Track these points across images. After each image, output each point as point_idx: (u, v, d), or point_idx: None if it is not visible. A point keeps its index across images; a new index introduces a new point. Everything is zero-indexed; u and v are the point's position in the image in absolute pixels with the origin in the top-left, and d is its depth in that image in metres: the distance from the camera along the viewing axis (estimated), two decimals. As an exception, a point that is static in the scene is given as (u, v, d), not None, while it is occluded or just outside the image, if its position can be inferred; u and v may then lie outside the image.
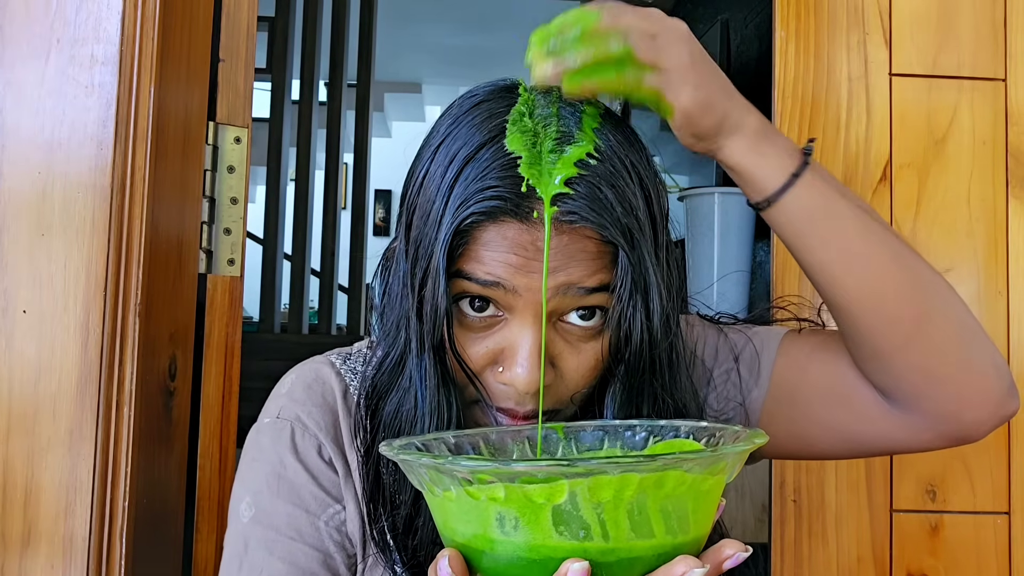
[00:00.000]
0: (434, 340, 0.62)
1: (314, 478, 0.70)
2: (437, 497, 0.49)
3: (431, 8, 4.58)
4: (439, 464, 0.47)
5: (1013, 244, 1.19)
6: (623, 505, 0.46)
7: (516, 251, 0.59)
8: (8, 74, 0.96)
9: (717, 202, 1.60)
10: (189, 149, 1.09)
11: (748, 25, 1.96)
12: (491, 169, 0.59)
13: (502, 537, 0.47)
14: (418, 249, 0.62)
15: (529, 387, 0.60)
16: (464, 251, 0.60)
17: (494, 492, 0.46)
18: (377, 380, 0.69)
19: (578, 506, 0.45)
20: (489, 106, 0.64)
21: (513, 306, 0.61)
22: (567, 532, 0.46)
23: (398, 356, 0.68)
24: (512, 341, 0.61)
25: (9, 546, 0.93)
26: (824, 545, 1.16)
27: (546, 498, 0.45)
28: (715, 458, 0.47)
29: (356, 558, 0.70)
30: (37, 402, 0.94)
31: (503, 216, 0.59)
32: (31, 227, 0.95)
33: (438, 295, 0.60)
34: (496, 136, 0.61)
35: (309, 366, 0.75)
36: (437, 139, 0.64)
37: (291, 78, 3.33)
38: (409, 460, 0.49)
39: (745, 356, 0.78)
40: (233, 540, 0.70)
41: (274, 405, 0.73)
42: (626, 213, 0.60)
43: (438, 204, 0.61)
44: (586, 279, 0.60)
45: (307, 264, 3.34)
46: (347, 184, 4.62)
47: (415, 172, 0.65)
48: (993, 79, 1.20)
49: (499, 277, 0.59)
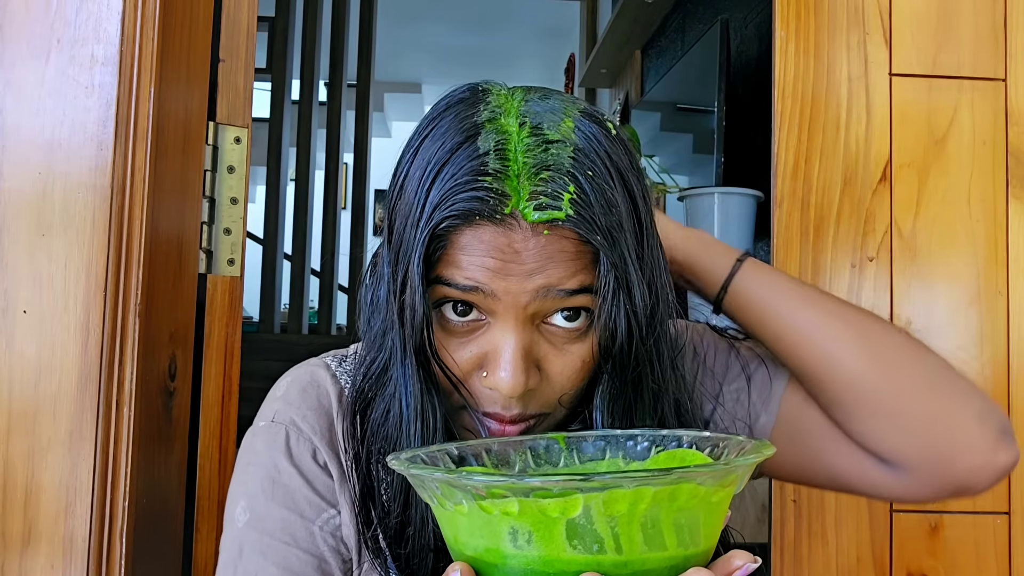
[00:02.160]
0: (415, 344, 0.61)
1: (308, 482, 0.69)
2: (448, 511, 0.49)
3: (431, 8, 4.58)
4: (452, 479, 0.46)
5: (1013, 244, 1.19)
6: (637, 518, 0.45)
7: (493, 254, 0.58)
8: (8, 74, 0.96)
9: (717, 202, 1.60)
10: (189, 149, 1.09)
11: (748, 25, 1.96)
12: (464, 171, 0.58)
13: (514, 551, 0.47)
14: (398, 254, 0.62)
15: (513, 391, 0.59)
16: (442, 256, 0.59)
17: (507, 507, 0.46)
18: (364, 386, 0.69)
19: (592, 520, 0.45)
20: (462, 107, 0.62)
21: (494, 310, 0.60)
22: (580, 546, 0.46)
23: (384, 362, 0.67)
24: (495, 345, 0.61)
25: (9, 546, 0.93)
26: (824, 545, 1.16)
27: (560, 512, 0.45)
28: (727, 470, 0.47)
29: (352, 563, 0.69)
30: (37, 402, 0.94)
31: (478, 219, 0.58)
32: (31, 227, 0.95)
33: (416, 300, 0.59)
34: (470, 137, 0.59)
35: (304, 369, 0.74)
36: (416, 142, 0.63)
37: (291, 78, 3.33)
38: (421, 475, 0.48)
39: (757, 379, 0.78)
40: (228, 545, 0.69)
41: (269, 408, 0.73)
42: (605, 212, 0.58)
43: (415, 208, 0.60)
44: (566, 280, 0.59)
45: (307, 264, 3.34)
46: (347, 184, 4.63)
47: (396, 176, 0.65)
48: (993, 79, 1.20)
49: (477, 281, 0.59)
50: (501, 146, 0.59)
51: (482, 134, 0.59)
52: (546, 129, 0.60)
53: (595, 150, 0.60)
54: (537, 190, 0.57)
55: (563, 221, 0.57)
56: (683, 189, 1.76)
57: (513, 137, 0.59)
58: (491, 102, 0.62)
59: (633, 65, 3.05)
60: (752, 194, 1.61)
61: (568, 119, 0.61)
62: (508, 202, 0.58)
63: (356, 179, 3.53)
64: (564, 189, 0.58)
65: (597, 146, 0.60)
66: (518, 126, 0.60)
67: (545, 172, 0.58)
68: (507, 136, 0.59)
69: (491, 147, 0.59)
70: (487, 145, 0.59)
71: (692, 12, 2.44)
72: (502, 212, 0.57)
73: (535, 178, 0.58)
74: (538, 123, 0.60)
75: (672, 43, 2.64)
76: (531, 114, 0.61)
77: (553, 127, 0.60)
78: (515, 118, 0.61)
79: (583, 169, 0.59)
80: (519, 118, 0.61)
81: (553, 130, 0.60)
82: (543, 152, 0.58)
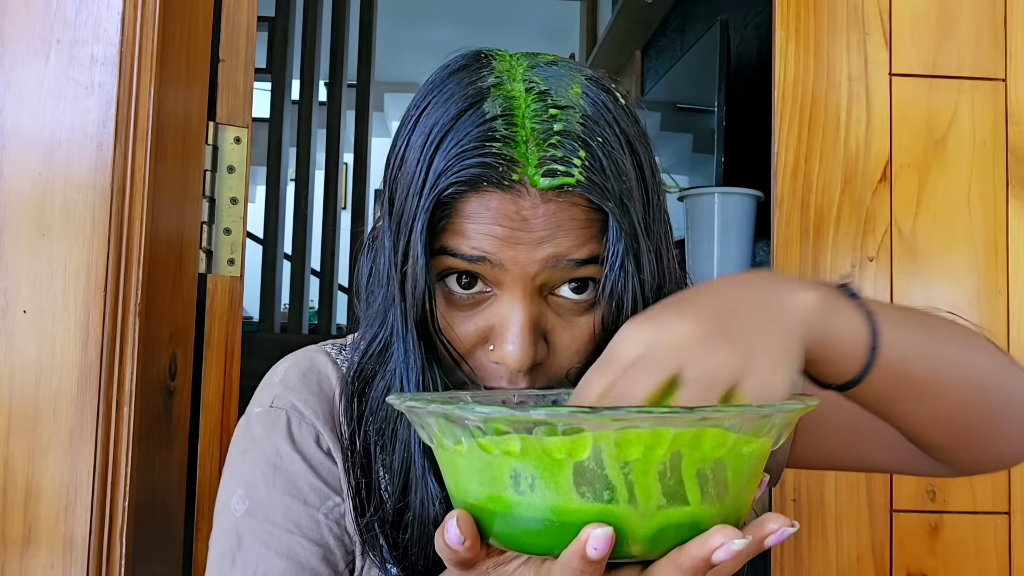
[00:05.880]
0: (417, 318, 0.59)
1: (312, 468, 0.66)
2: (447, 451, 0.45)
3: (431, 8, 4.58)
4: (448, 411, 0.43)
5: (1013, 244, 1.19)
6: (654, 465, 0.40)
7: (501, 222, 0.56)
8: (8, 74, 0.96)
9: (717, 202, 1.60)
10: (189, 149, 1.09)
11: (748, 25, 1.96)
12: (470, 137, 0.56)
13: (517, 497, 0.42)
14: (399, 224, 0.59)
15: (522, 364, 0.57)
16: (447, 225, 0.57)
17: (509, 445, 0.42)
18: (363, 365, 0.66)
19: (603, 464, 0.40)
20: (466, 73, 0.60)
21: (501, 281, 0.58)
22: (589, 493, 0.41)
23: (384, 339, 0.65)
24: (502, 318, 0.58)
25: (9, 546, 0.93)
26: (824, 545, 1.16)
27: (567, 453, 0.41)
28: (761, 416, 0.42)
29: (355, 554, 0.67)
30: (37, 402, 0.94)
31: (485, 186, 0.56)
32: (31, 227, 0.95)
33: (419, 271, 0.57)
34: (475, 103, 0.57)
35: (303, 354, 0.72)
36: (416, 111, 0.61)
37: (291, 78, 3.33)
38: (417, 408, 0.45)
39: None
40: (224, 536, 0.65)
41: (266, 394, 0.69)
42: (616, 179, 0.57)
43: (418, 177, 0.57)
44: (575, 250, 0.57)
45: (307, 264, 3.34)
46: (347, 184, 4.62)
47: (396, 146, 0.62)
48: (993, 79, 1.20)
49: (485, 251, 0.56)
50: (508, 111, 0.57)
51: (488, 99, 0.57)
52: (554, 95, 0.58)
53: (603, 116, 0.58)
54: (546, 156, 0.56)
55: (573, 187, 0.56)
56: (683, 189, 1.76)
57: (520, 102, 0.57)
58: (496, 67, 0.60)
59: (633, 65, 3.05)
60: (752, 194, 1.61)
61: (575, 85, 0.59)
62: (517, 168, 0.56)
63: (356, 179, 3.53)
64: (574, 155, 0.56)
65: (605, 112, 0.58)
66: (525, 91, 0.58)
67: (555, 138, 0.56)
68: (514, 101, 0.57)
69: (498, 112, 0.57)
70: (494, 110, 0.57)
71: (692, 12, 2.44)
72: (510, 179, 0.55)
73: (544, 144, 0.56)
74: (545, 89, 0.58)
75: (672, 43, 2.64)
76: (538, 79, 0.59)
77: (561, 93, 0.58)
78: (521, 83, 0.59)
79: (593, 135, 0.57)
80: (526, 83, 0.59)
81: (561, 96, 0.58)
82: (551, 118, 0.57)
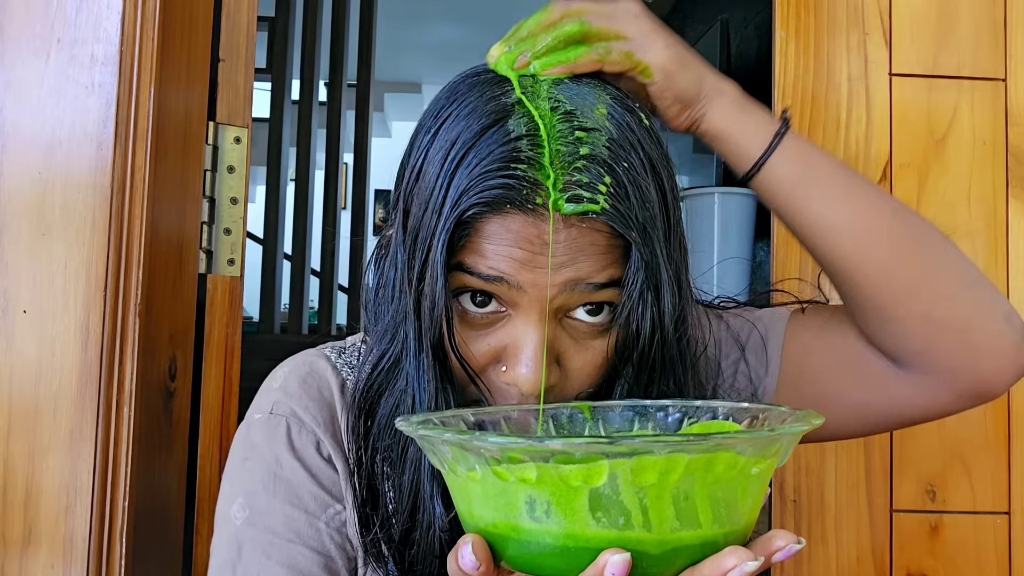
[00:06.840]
0: (433, 338, 0.58)
1: (313, 476, 0.66)
2: (460, 478, 0.45)
3: (431, 8, 4.58)
4: (464, 441, 0.42)
5: (1013, 244, 1.19)
6: (668, 490, 0.41)
7: (521, 245, 0.55)
8: (8, 74, 0.96)
9: (717, 202, 1.60)
10: (189, 149, 1.09)
11: (748, 25, 1.96)
12: (494, 156, 0.55)
13: (532, 524, 0.42)
14: (416, 240, 0.58)
15: (534, 388, 0.56)
16: (466, 243, 0.56)
17: (525, 473, 0.41)
18: (373, 381, 0.65)
19: (618, 490, 0.41)
20: (488, 87, 0.59)
21: (517, 302, 0.57)
22: (605, 519, 0.41)
23: (395, 355, 0.64)
24: (516, 339, 0.58)
25: (9, 546, 0.93)
26: (824, 545, 1.16)
27: (583, 480, 0.41)
28: (771, 439, 0.43)
29: (356, 561, 0.67)
30: (37, 402, 0.94)
31: (507, 207, 0.55)
32: (31, 227, 0.95)
33: (436, 290, 0.56)
34: (499, 120, 0.56)
35: (303, 359, 0.71)
36: (435, 122, 0.59)
37: (291, 78, 3.33)
38: (430, 436, 0.44)
39: (751, 344, 0.75)
40: (224, 545, 0.65)
41: (266, 400, 0.69)
42: (640, 206, 0.56)
43: (438, 193, 0.56)
44: (595, 275, 0.56)
45: (307, 264, 3.34)
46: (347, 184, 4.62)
47: (412, 156, 0.61)
48: (993, 79, 1.20)
49: (502, 272, 0.56)
50: (533, 131, 0.56)
51: (512, 116, 0.56)
52: (580, 116, 0.57)
53: (629, 140, 0.57)
54: (572, 180, 0.55)
55: (598, 214, 0.55)
56: (683, 189, 1.76)
57: (545, 122, 0.56)
58: (520, 81, 0.59)
59: (633, 65, 3.04)
60: (752, 194, 1.61)
61: (601, 105, 0.58)
62: (541, 192, 0.54)
63: (356, 179, 3.53)
64: (600, 181, 0.55)
65: (631, 135, 0.57)
66: (550, 111, 0.57)
67: (580, 162, 0.55)
68: (539, 120, 0.56)
69: (523, 131, 0.55)
70: (519, 129, 0.56)
71: (692, 12, 2.44)
72: (534, 202, 0.54)
73: (569, 168, 0.55)
74: (571, 109, 0.57)
75: (672, 43, 2.63)
76: (563, 98, 0.58)
77: (587, 114, 0.57)
78: (546, 101, 0.58)
79: (618, 160, 0.56)
80: (551, 102, 0.58)
81: (587, 117, 0.57)
82: (577, 140, 0.56)
